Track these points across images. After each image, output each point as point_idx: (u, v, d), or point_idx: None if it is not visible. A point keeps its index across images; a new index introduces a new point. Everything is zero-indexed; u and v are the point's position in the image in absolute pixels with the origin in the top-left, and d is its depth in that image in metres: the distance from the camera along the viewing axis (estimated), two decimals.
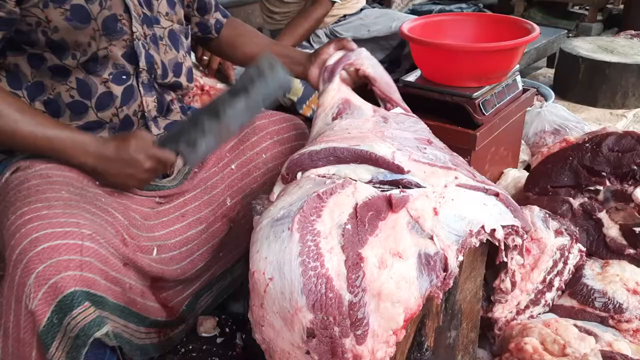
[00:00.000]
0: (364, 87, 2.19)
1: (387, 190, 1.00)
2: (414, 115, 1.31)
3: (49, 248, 0.92)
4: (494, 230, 1.00)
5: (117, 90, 1.18)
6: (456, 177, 1.05)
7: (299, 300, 0.84)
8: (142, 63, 1.21)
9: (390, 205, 0.94)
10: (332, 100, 1.27)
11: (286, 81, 1.10)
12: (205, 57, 2.00)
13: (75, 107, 1.16)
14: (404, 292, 0.88)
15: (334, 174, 1.07)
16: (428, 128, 1.27)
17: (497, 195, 1.05)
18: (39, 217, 0.95)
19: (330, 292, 0.84)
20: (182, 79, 1.32)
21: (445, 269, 0.92)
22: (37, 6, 1.06)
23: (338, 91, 1.29)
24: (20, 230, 0.94)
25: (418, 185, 1.03)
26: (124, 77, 1.19)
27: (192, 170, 1.31)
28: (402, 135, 1.18)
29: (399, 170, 1.05)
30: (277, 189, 1.10)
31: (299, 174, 1.09)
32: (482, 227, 0.98)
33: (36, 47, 1.11)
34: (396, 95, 1.33)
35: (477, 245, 0.99)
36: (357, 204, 0.94)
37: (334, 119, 1.24)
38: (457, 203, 0.99)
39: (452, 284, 0.94)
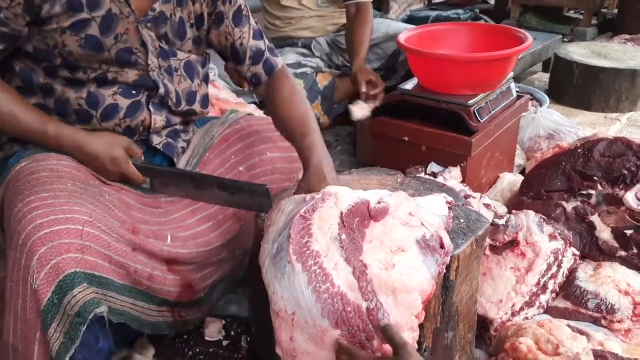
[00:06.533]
0: None
1: None
2: None
3: (52, 233, 0.99)
4: None
5: (124, 103, 1.24)
6: None
7: (322, 324, 0.90)
8: (161, 90, 1.27)
9: (371, 216, 1.00)
10: None
11: (266, 208, 1.17)
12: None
13: (81, 114, 1.23)
14: (415, 279, 0.94)
15: None
16: None
17: None
18: (44, 205, 1.02)
19: (348, 307, 0.90)
20: (196, 107, 1.38)
21: (442, 247, 1.01)
22: (55, 32, 1.14)
23: None
24: (26, 217, 1.01)
25: None
26: (134, 92, 1.25)
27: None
28: None
29: None
30: None
31: None
32: None
33: (53, 62, 1.19)
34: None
35: None
36: (342, 213, 0.98)
37: None
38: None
39: (448, 261, 1.04)
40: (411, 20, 3.98)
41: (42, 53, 1.18)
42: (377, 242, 0.98)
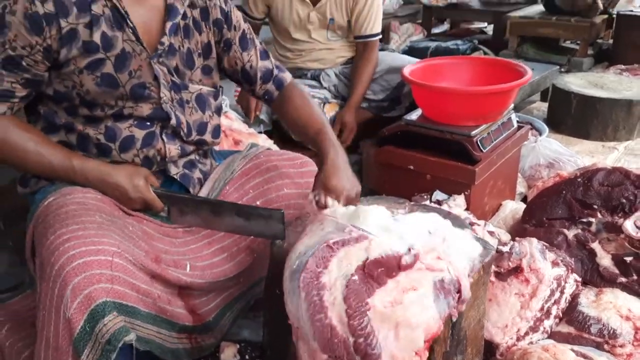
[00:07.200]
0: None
1: None
2: None
3: (84, 263, 1.04)
4: None
5: (139, 134, 1.31)
6: None
7: (313, 344, 0.98)
8: (173, 121, 1.34)
9: (400, 268, 1.05)
10: None
11: (280, 235, 1.24)
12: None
13: (100, 148, 1.30)
14: (421, 317, 0.99)
15: None
16: None
17: None
18: (75, 237, 1.07)
19: (335, 338, 0.97)
20: (207, 137, 1.45)
21: (459, 291, 1.05)
22: (73, 72, 1.22)
23: None
24: (58, 248, 1.06)
25: None
26: (148, 123, 1.33)
27: None
28: None
29: None
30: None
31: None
32: None
33: (72, 102, 1.26)
34: None
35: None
36: (367, 258, 1.04)
37: None
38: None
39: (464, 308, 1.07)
40: (411, 50, 4.08)
41: (61, 95, 1.26)
42: (393, 283, 1.03)
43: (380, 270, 1.03)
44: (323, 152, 1.34)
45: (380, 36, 2.46)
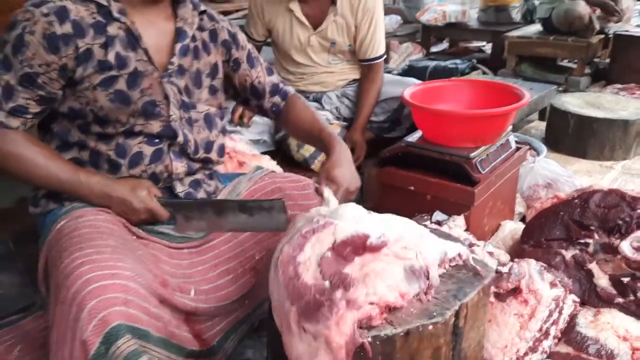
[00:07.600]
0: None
1: None
2: None
3: (100, 287, 1.06)
4: None
5: (148, 150, 1.37)
6: None
7: (286, 305, 1.03)
8: (180, 138, 1.39)
9: (366, 248, 1.09)
10: None
11: (283, 225, 1.32)
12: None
13: (111, 164, 1.35)
14: (390, 274, 1.05)
15: None
16: None
17: None
18: (90, 260, 1.10)
19: (308, 290, 1.02)
20: (213, 155, 1.50)
21: (428, 278, 1.10)
22: (87, 89, 1.28)
23: None
24: (73, 272, 1.08)
25: None
26: (156, 140, 1.38)
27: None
28: None
29: None
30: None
31: None
32: None
33: (86, 119, 1.32)
34: None
35: None
36: (335, 240, 1.10)
37: None
38: None
39: (433, 292, 1.11)
40: (411, 69, 4.13)
41: (75, 112, 1.31)
42: (361, 260, 1.08)
43: (348, 249, 1.08)
44: (330, 146, 1.44)
45: (385, 56, 2.51)
